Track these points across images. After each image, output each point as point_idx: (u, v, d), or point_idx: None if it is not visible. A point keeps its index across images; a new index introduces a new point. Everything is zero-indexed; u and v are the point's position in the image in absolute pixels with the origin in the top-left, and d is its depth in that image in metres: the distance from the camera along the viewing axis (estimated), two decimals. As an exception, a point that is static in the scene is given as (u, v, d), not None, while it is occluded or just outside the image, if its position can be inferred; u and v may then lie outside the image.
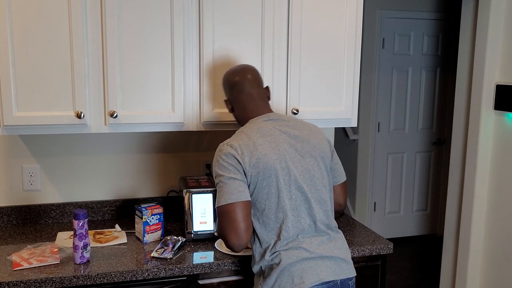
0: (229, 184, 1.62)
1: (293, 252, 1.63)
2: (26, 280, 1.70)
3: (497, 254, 2.85)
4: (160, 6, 1.99)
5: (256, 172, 1.64)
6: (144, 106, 2.03)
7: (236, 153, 1.64)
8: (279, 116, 1.79)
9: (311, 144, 1.75)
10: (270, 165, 1.64)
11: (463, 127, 3.07)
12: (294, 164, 1.68)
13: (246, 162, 1.63)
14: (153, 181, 2.47)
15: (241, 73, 1.82)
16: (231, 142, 1.68)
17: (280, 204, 1.65)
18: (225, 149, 1.67)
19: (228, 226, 1.62)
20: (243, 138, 1.68)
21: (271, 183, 1.65)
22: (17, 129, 1.92)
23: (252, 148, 1.65)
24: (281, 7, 2.14)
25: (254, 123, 1.75)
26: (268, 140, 1.68)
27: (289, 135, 1.73)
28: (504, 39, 2.76)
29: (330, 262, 1.66)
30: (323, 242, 1.69)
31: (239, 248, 1.64)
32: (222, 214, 1.63)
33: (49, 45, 1.89)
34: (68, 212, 2.35)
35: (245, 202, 1.63)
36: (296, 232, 1.66)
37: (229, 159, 1.64)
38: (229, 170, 1.63)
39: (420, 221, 5.08)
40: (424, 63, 4.82)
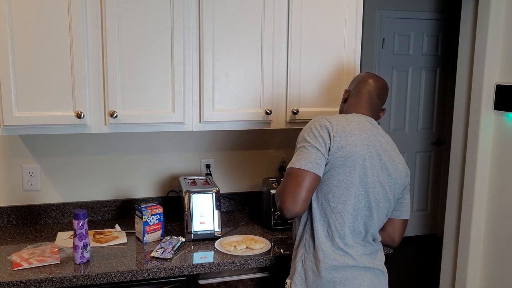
0: (312, 153, 1.61)
1: (340, 258, 1.64)
2: (26, 280, 1.70)
3: (497, 254, 2.85)
4: (160, 6, 1.99)
5: (339, 155, 1.63)
6: (144, 106, 2.03)
7: (331, 128, 1.64)
8: (379, 126, 1.81)
9: (394, 165, 1.74)
10: (354, 156, 1.64)
11: (463, 127, 3.07)
12: (373, 170, 1.67)
13: (336, 141, 1.63)
14: (153, 181, 2.47)
15: (378, 81, 1.85)
16: (330, 118, 1.69)
17: (345, 195, 1.64)
18: (322, 121, 1.67)
19: (290, 188, 1.60)
20: (342, 121, 1.69)
21: (347, 173, 1.64)
22: (17, 129, 1.92)
23: (347, 132, 1.65)
24: (281, 8, 2.14)
25: (356, 116, 1.75)
26: (362, 135, 1.68)
27: (381, 145, 1.73)
28: (504, 39, 2.76)
29: (371, 274, 1.68)
30: (367, 252, 1.70)
31: (289, 213, 1.61)
32: (291, 175, 1.62)
33: (49, 45, 1.89)
34: (68, 212, 2.35)
35: (317, 176, 1.62)
36: (349, 233, 1.66)
37: (323, 131, 1.64)
38: (317, 140, 1.63)
39: (420, 221, 5.08)
40: (424, 63, 4.82)
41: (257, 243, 2.03)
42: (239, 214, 2.51)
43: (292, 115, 2.21)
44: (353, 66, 2.26)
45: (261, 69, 2.15)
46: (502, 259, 2.82)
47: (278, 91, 2.20)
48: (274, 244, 2.08)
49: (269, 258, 1.95)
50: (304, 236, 1.70)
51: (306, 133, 1.67)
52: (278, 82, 2.19)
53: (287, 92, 2.21)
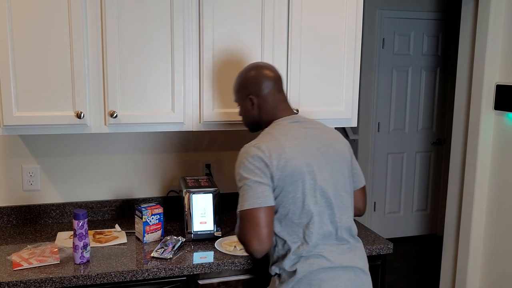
0: (255, 188, 1.56)
1: (313, 260, 1.60)
2: (26, 280, 1.70)
3: (497, 254, 2.85)
4: (160, 6, 1.99)
5: (283, 176, 1.58)
6: (144, 106, 2.03)
7: (264, 155, 1.58)
8: (304, 118, 1.75)
9: (335, 148, 1.71)
10: (297, 169, 1.60)
11: (463, 127, 3.07)
12: (320, 169, 1.64)
13: (274, 165, 1.58)
14: (153, 181, 2.47)
15: (270, 70, 1.76)
16: (258, 144, 1.62)
17: (304, 208, 1.61)
18: (252, 151, 1.60)
19: (250, 231, 1.56)
20: (271, 140, 1.62)
21: (297, 188, 1.60)
22: (17, 129, 1.92)
23: (280, 151, 1.59)
24: (281, 7, 2.14)
25: (281, 125, 1.69)
26: (296, 143, 1.63)
27: (315, 139, 1.69)
28: (504, 39, 2.76)
29: (350, 274, 1.63)
30: (344, 251, 1.66)
31: (260, 254, 1.58)
32: (245, 218, 1.57)
33: (49, 45, 1.89)
34: (68, 212, 2.35)
35: (270, 208, 1.58)
36: (318, 238, 1.63)
37: (256, 162, 1.58)
38: (255, 173, 1.57)
39: (420, 221, 5.08)
40: (424, 63, 4.82)
41: (257, 243, 2.03)
42: (239, 214, 2.51)
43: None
44: (353, 66, 2.26)
45: (261, 69, 2.15)
46: (502, 259, 2.82)
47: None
48: (274, 244, 2.08)
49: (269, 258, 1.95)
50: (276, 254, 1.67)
51: (241, 170, 1.60)
52: (278, 82, 2.19)
53: (287, 92, 2.21)
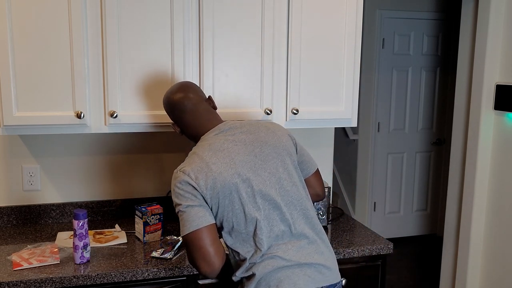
0: (188, 212, 1.55)
1: (268, 262, 1.57)
2: (26, 280, 1.70)
3: (497, 254, 2.85)
4: (160, 6, 1.99)
5: (215, 193, 1.56)
6: (144, 106, 2.03)
7: (190, 179, 1.56)
8: (231, 124, 1.70)
9: (271, 144, 1.67)
10: (228, 182, 1.57)
11: (463, 127, 3.07)
12: (256, 172, 1.61)
13: (202, 186, 1.55)
14: (153, 181, 2.47)
15: (179, 91, 1.74)
16: (183, 168, 1.59)
17: (247, 217, 1.58)
18: (179, 176, 1.58)
19: (196, 254, 1.55)
20: (196, 161, 1.60)
21: (233, 200, 1.58)
22: (17, 129, 1.92)
23: (206, 170, 1.57)
24: (281, 7, 2.14)
25: (205, 141, 1.67)
26: (221, 156, 1.60)
27: (244, 143, 1.64)
28: (504, 39, 2.76)
29: (310, 270, 1.59)
30: (302, 247, 1.61)
31: (212, 274, 1.58)
32: (188, 243, 1.56)
33: (49, 45, 1.89)
34: (68, 212, 2.35)
35: (208, 227, 1.56)
36: (270, 242, 1.60)
37: (184, 187, 1.56)
38: (186, 197, 1.56)
39: (420, 221, 5.08)
40: (424, 63, 4.82)
41: (257, 243, 2.03)
42: (239, 214, 2.50)
43: (292, 115, 2.21)
44: (353, 66, 2.26)
45: (261, 69, 2.15)
46: (502, 259, 2.82)
47: (278, 91, 2.20)
48: (274, 244, 2.08)
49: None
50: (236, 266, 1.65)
51: (174, 196, 1.59)
52: (278, 82, 2.19)
53: (287, 92, 2.21)
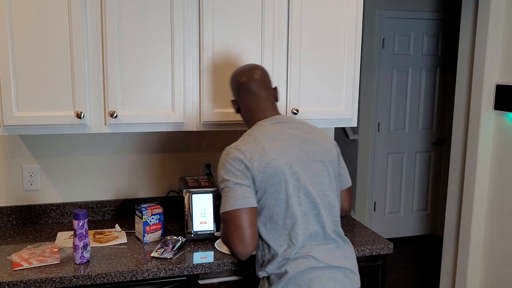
0: (235, 190, 1.56)
1: (301, 261, 1.60)
2: (26, 280, 1.70)
3: (497, 254, 2.85)
4: (160, 6, 1.99)
5: (265, 177, 1.58)
6: (144, 106, 2.03)
7: (244, 157, 1.58)
8: (288, 118, 1.75)
9: (321, 148, 1.70)
10: (279, 170, 1.59)
11: (463, 127, 3.07)
12: (304, 169, 1.63)
13: (255, 167, 1.57)
14: (153, 181, 2.47)
15: (248, 73, 1.76)
16: (239, 146, 1.61)
17: (289, 210, 1.60)
18: (232, 153, 1.60)
19: (233, 233, 1.56)
20: (252, 142, 1.62)
21: (280, 189, 1.60)
22: (17, 129, 1.92)
23: (262, 153, 1.59)
24: (281, 7, 2.14)
25: (262, 126, 1.69)
26: (277, 144, 1.63)
27: (299, 139, 1.68)
28: (504, 39, 2.76)
29: (338, 273, 1.62)
30: (331, 251, 1.65)
31: (243, 255, 1.58)
32: (227, 220, 1.57)
33: (49, 45, 1.89)
34: (68, 212, 2.35)
35: (251, 209, 1.57)
36: (305, 239, 1.62)
37: (237, 164, 1.58)
38: (236, 175, 1.57)
39: (420, 221, 5.08)
40: (424, 63, 4.82)
41: (257, 243, 2.03)
42: (239, 214, 2.50)
43: (292, 115, 2.21)
44: (353, 66, 2.26)
45: (261, 69, 2.15)
46: (502, 259, 2.82)
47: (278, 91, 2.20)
48: (274, 244, 2.08)
49: (269, 258, 1.95)
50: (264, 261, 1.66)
51: (222, 172, 1.60)
52: (278, 82, 2.19)
53: (287, 92, 2.21)
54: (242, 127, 2.19)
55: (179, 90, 2.06)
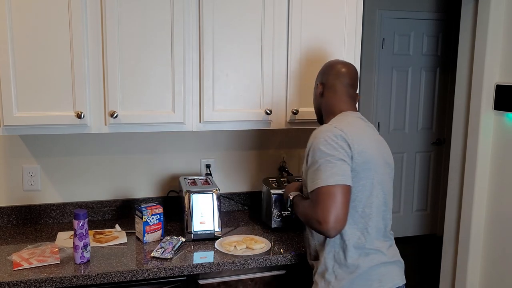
0: (339, 165, 1.55)
1: (373, 256, 1.64)
2: (26, 280, 1.70)
3: (497, 254, 2.85)
4: (160, 6, 1.99)
5: (360, 161, 1.60)
6: (144, 106, 2.03)
7: (346, 137, 1.59)
8: (366, 120, 1.80)
9: (388, 153, 1.77)
10: (372, 158, 1.64)
11: (463, 127, 3.07)
12: (381, 166, 1.69)
13: (355, 148, 1.59)
14: (153, 181, 2.47)
15: (349, 67, 1.81)
16: (339, 126, 1.63)
17: (370, 199, 1.64)
18: (334, 130, 1.61)
19: (331, 207, 1.51)
20: (348, 125, 1.65)
21: (368, 177, 1.63)
22: (17, 129, 1.92)
23: (359, 137, 1.63)
24: (281, 7, 2.14)
25: (350, 116, 1.73)
26: (367, 136, 1.69)
27: (377, 140, 1.74)
28: (504, 39, 2.76)
29: (398, 267, 1.72)
30: (391, 247, 1.73)
31: (335, 232, 1.54)
32: (325, 194, 1.53)
33: (49, 45, 1.89)
34: (68, 212, 2.35)
35: (350, 187, 1.58)
36: (375, 232, 1.66)
37: (340, 141, 1.58)
38: (339, 151, 1.56)
39: (420, 221, 5.08)
40: (424, 63, 4.82)
41: (257, 243, 2.03)
42: (239, 214, 2.51)
43: (292, 115, 2.21)
44: (353, 66, 2.26)
45: (261, 69, 2.15)
46: (502, 259, 2.82)
47: (278, 91, 2.20)
48: (274, 244, 2.08)
49: (269, 258, 1.95)
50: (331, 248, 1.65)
51: (323, 146, 1.58)
52: (278, 82, 2.19)
53: (287, 92, 2.21)
54: (242, 127, 2.20)
55: (179, 90, 2.06)
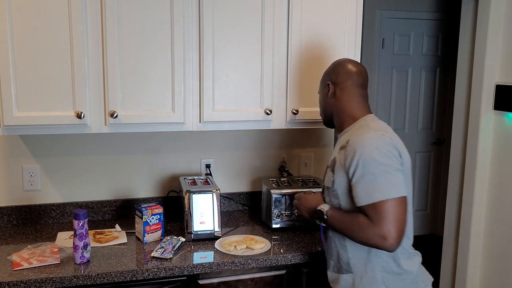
0: (396, 176, 1.49)
1: (415, 258, 1.67)
2: (26, 280, 1.70)
3: (497, 254, 2.85)
4: (160, 6, 1.99)
5: (406, 168, 1.57)
6: (144, 106, 2.03)
7: (395, 144, 1.54)
8: None
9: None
10: (409, 167, 1.61)
11: (463, 127, 3.07)
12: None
13: (403, 156, 1.55)
14: (153, 181, 2.47)
15: (361, 67, 1.73)
16: (385, 133, 1.56)
17: (409, 205, 1.59)
18: (384, 138, 1.53)
19: (396, 221, 1.46)
20: (389, 131, 1.60)
21: (409, 183, 1.60)
22: (17, 129, 1.92)
23: (402, 144, 1.59)
24: (281, 8, 2.14)
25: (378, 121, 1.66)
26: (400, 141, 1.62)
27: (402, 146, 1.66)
28: (504, 39, 2.75)
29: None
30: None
31: (398, 246, 1.50)
32: (390, 207, 1.46)
33: (50, 45, 1.89)
34: (68, 212, 2.35)
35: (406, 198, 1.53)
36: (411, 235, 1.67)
37: (392, 150, 1.52)
38: (393, 160, 1.50)
39: (420, 221, 5.07)
40: (424, 63, 4.82)
41: (257, 243, 2.03)
42: (239, 214, 2.51)
43: (292, 115, 2.21)
44: (353, 66, 2.26)
45: (261, 69, 2.15)
46: (502, 259, 2.82)
47: (278, 91, 2.20)
48: (274, 244, 2.08)
49: (269, 258, 1.95)
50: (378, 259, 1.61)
51: (376, 156, 1.50)
52: (278, 82, 2.19)
53: (287, 92, 2.21)
54: (242, 127, 2.20)
55: (179, 90, 2.06)
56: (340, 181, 1.59)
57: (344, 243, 1.66)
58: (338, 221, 1.61)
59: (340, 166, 1.59)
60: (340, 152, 1.61)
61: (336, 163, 1.62)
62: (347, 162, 1.55)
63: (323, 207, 1.66)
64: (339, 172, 1.59)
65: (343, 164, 1.57)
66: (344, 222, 1.59)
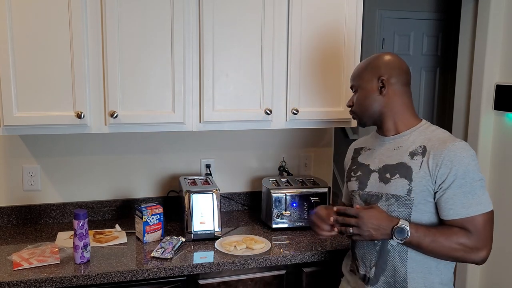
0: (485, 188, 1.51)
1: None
2: (26, 280, 1.70)
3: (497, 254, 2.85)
4: (160, 6, 1.99)
5: None
6: (144, 106, 2.03)
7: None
8: None
9: None
10: None
11: (463, 127, 3.07)
12: None
13: None
14: (153, 181, 2.47)
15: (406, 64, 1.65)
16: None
17: None
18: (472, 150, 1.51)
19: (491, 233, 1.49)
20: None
21: None
22: (17, 129, 1.92)
23: None
24: (281, 7, 2.14)
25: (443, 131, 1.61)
26: None
27: None
28: (504, 39, 2.76)
29: None
30: None
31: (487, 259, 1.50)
32: (490, 220, 1.48)
33: (49, 45, 1.89)
34: (68, 212, 2.35)
35: None
36: None
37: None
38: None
39: (420, 221, 5.07)
40: (424, 63, 4.82)
41: (257, 243, 2.03)
42: (239, 214, 2.51)
43: (292, 115, 2.21)
44: (352, 66, 2.26)
45: (261, 69, 2.15)
46: (502, 259, 2.82)
47: (278, 91, 2.20)
48: (274, 244, 2.08)
49: (269, 258, 1.95)
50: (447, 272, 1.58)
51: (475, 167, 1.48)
52: (278, 82, 2.19)
53: (287, 92, 2.21)
54: (242, 127, 2.20)
55: (179, 90, 2.06)
56: (422, 190, 1.50)
57: (405, 257, 1.55)
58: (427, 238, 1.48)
59: (424, 174, 1.50)
60: (416, 159, 1.52)
61: (414, 170, 1.51)
62: (440, 172, 1.48)
63: (403, 224, 1.48)
64: (421, 181, 1.50)
65: (430, 173, 1.49)
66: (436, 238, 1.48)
